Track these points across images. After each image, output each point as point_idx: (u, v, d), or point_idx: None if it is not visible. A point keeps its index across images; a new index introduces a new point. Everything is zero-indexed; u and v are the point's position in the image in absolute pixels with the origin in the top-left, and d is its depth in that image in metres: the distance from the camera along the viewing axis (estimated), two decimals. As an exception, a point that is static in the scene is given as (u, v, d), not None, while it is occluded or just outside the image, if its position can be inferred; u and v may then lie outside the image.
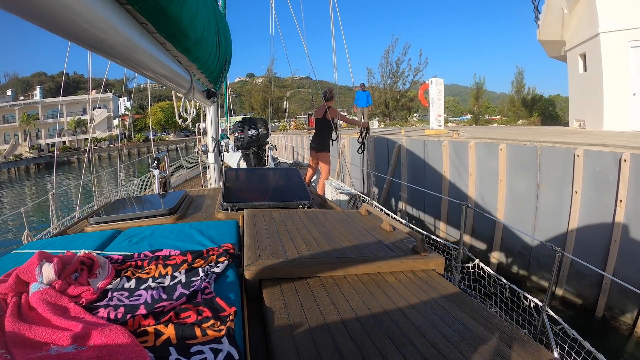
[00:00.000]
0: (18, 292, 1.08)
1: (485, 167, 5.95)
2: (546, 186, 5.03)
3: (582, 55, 9.78)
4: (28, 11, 0.76)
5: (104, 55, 1.18)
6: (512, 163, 5.48)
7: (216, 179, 4.71)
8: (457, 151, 6.49)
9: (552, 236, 4.92)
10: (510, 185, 5.53)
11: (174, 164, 8.34)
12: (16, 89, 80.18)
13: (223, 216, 2.41)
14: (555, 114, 22.38)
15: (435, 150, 7.04)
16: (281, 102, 30.02)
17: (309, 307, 1.21)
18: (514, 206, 5.52)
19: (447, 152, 6.70)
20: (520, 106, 22.39)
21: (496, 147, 5.66)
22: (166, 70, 1.79)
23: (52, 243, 1.87)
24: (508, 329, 1.13)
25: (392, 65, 22.17)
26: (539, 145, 5.10)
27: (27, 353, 0.81)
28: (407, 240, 1.84)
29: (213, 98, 3.71)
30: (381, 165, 9.18)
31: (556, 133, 7.78)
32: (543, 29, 10.93)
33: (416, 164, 7.67)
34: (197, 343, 0.90)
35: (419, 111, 28.82)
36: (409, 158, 7.89)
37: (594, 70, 8.99)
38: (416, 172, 7.70)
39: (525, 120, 21.65)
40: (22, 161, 38.30)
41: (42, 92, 55.69)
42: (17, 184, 27.92)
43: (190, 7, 1.52)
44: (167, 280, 1.34)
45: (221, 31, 2.70)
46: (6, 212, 14.66)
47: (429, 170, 7.23)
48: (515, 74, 23.51)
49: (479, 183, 6.09)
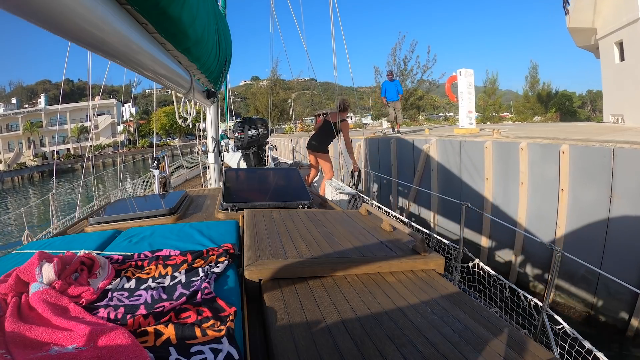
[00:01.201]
0: (18, 292, 1.08)
1: (541, 173, 4.95)
2: (622, 197, 4.06)
3: (618, 43, 8.73)
4: (28, 11, 0.76)
5: (104, 55, 1.18)
6: (578, 168, 4.48)
7: (216, 179, 4.72)
8: (503, 154, 5.45)
9: (629, 260, 4.00)
10: (575, 195, 4.54)
11: (174, 164, 8.35)
12: (21, 97, 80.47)
13: (223, 216, 2.41)
14: (572, 109, 21.25)
15: (474, 153, 5.91)
16: (286, 104, 29.80)
17: (309, 307, 1.21)
18: (578, 222, 4.52)
19: (490, 155, 5.63)
20: (536, 102, 21.33)
21: (556, 149, 4.68)
22: (166, 70, 1.79)
23: (52, 243, 1.87)
24: (508, 329, 1.13)
25: (400, 64, 21.27)
26: (613, 147, 4.13)
27: (27, 353, 0.81)
28: (407, 240, 1.84)
29: (213, 98, 3.71)
30: (405, 173, 7.94)
31: (600, 130, 6.76)
32: (573, 15, 9.77)
33: (449, 170, 6.53)
34: (197, 343, 0.90)
35: (426, 110, 27.85)
36: (440, 163, 6.75)
37: (634, 59, 8.01)
38: (450, 180, 6.55)
39: (541, 116, 20.51)
40: (25, 169, 38.33)
41: (46, 99, 55.87)
42: (21, 192, 28.04)
43: (190, 8, 1.52)
44: (167, 281, 1.34)
45: (221, 31, 2.70)
46: (9, 213, 14.69)
47: (467, 177, 6.09)
48: (529, 69, 22.37)
49: (533, 193, 5.08)
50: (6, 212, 17.83)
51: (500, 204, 5.56)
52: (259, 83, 31.69)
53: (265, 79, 28.12)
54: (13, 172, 36.96)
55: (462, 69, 7.79)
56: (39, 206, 8.68)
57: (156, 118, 41.72)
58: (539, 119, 20.09)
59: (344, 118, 5.70)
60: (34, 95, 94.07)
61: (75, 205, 4.19)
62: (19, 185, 33.50)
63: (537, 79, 22.22)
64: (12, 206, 20.41)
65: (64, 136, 47.33)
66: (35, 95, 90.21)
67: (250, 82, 54.29)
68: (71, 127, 46.21)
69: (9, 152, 45.87)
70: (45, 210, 6.30)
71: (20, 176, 36.27)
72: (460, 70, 7.79)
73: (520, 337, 1.08)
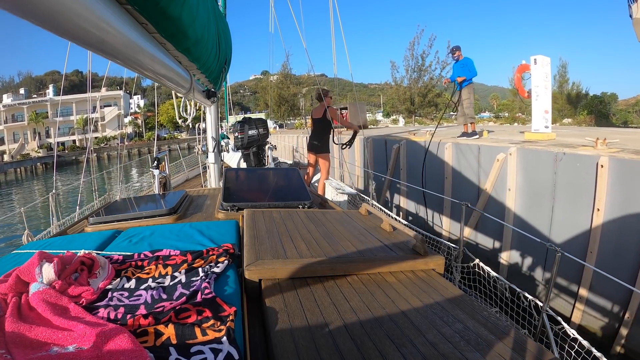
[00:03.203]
0: (18, 292, 1.08)
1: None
2: None
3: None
4: (28, 11, 0.76)
5: (104, 55, 1.18)
6: None
7: (216, 179, 4.72)
8: (626, 177, 3.74)
9: None
10: None
11: (174, 164, 8.35)
12: (29, 87, 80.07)
13: (223, 216, 2.41)
14: (605, 112, 19.45)
15: (580, 172, 4.15)
16: (297, 98, 29.50)
17: (309, 307, 1.21)
18: None
19: (605, 176, 3.87)
20: (565, 103, 19.63)
21: None
22: (166, 70, 1.79)
23: (52, 243, 1.87)
24: (508, 329, 1.13)
25: (418, 59, 20.28)
26: None
27: (27, 353, 0.81)
28: (407, 240, 1.84)
29: (213, 98, 3.71)
30: (463, 192, 5.84)
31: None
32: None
33: (535, 190, 4.70)
34: (197, 343, 0.90)
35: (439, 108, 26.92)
36: (522, 180, 4.87)
37: None
38: (535, 203, 4.72)
39: (571, 119, 18.68)
40: (27, 161, 37.95)
41: (55, 90, 55.24)
42: (25, 185, 27.99)
43: (190, 7, 1.52)
44: (167, 281, 1.34)
45: (221, 31, 2.70)
46: (14, 210, 14.70)
47: (564, 203, 4.35)
48: (558, 67, 20.30)
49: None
50: (10, 207, 17.85)
51: (615, 247, 3.84)
52: (269, 77, 31.44)
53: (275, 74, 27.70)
54: (15, 164, 36.52)
55: (537, 55, 5.86)
56: (41, 203, 8.71)
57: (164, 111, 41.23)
58: (569, 122, 18.10)
59: (328, 105, 5.56)
60: (42, 86, 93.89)
61: (80, 201, 4.19)
62: (21, 177, 33.05)
63: (567, 78, 20.27)
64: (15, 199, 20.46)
65: (70, 127, 46.72)
66: (44, 86, 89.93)
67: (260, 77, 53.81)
68: (76, 118, 45.65)
69: (14, 143, 45.35)
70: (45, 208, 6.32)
71: (24, 167, 35.86)
72: (535, 58, 5.86)
73: (520, 337, 1.08)
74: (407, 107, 21.72)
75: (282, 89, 26.95)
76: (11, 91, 63.16)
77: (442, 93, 21.56)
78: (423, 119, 22.82)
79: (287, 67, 26.55)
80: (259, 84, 36.33)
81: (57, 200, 3.97)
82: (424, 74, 20.80)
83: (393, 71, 21.79)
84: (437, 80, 20.43)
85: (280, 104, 27.01)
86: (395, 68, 21.63)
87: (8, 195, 22.47)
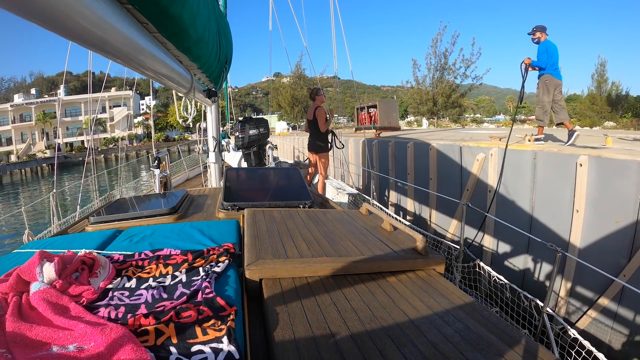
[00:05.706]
0: (19, 292, 1.08)
1: None
2: None
3: None
4: (28, 11, 0.76)
5: (105, 54, 1.18)
6: None
7: (217, 178, 4.72)
8: None
9: None
10: None
11: (174, 163, 8.36)
12: (41, 87, 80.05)
13: (224, 216, 2.41)
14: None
15: None
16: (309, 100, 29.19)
17: (310, 307, 1.21)
18: None
19: None
20: (605, 104, 18.00)
21: None
22: (167, 70, 1.79)
23: (53, 242, 1.87)
24: (508, 329, 1.13)
25: (440, 57, 18.82)
26: None
27: (27, 352, 0.81)
28: (407, 239, 1.84)
29: (214, 97, 3.71)
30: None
31: None
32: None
33: None
34: (197, 342, 0.90)
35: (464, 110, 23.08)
36: None
37: None
38: None
39: (614, 122, 16.78)
40: (32, 162, 37.60)
41: (66, 90, 55.00)
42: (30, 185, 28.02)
43: (191, 7, 1.52)
44: (168, 280, 1.34)
45: (222, 31, 2.70)
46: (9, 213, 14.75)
47: None
48: (597, 65, 18.57)
49: None
50: (13, 207, 17.89)
51: None
52: (281, 79, 30.93)
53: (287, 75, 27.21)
54: (19, 165, 36.23)
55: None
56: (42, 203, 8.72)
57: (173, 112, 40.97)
58: (612, 125, 15.99)
59: (317, 105, 5.60)
60: (54, 86, 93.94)
61: (82, 201, 4.21)
62: (26, 179, 32.90)
63: (605, 77, 18.46)
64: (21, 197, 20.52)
65: (78, 127, 46.37)
66: (55, 86, 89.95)
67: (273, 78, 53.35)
68: (84, 118, 45.16)
69: (22, 143, 45.11)
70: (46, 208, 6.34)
71: (29, 168, 35.55)
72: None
73: (520, 337, 1.08)
74: (429, 108, 20.23)
75: (295, 89, 26.54)
76: (22, 91, 63.00)
77: (467, 93, 20.12)
78: (446, 120, 21.24)
79: (300, 68, 26.11)
80: (271, 85, 35.83)
81: (58, 200, 3.98)
82: (447, 73, 19.02)
83: (414, 70, 20.16)
84: (462, 78, 18.70)
85: (293, 105, 26.57)
86: (417, 66, 20.15)
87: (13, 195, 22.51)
